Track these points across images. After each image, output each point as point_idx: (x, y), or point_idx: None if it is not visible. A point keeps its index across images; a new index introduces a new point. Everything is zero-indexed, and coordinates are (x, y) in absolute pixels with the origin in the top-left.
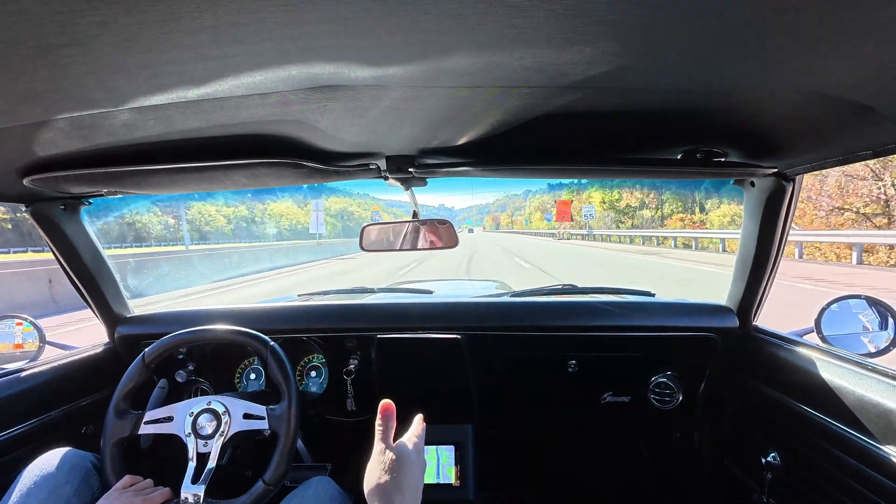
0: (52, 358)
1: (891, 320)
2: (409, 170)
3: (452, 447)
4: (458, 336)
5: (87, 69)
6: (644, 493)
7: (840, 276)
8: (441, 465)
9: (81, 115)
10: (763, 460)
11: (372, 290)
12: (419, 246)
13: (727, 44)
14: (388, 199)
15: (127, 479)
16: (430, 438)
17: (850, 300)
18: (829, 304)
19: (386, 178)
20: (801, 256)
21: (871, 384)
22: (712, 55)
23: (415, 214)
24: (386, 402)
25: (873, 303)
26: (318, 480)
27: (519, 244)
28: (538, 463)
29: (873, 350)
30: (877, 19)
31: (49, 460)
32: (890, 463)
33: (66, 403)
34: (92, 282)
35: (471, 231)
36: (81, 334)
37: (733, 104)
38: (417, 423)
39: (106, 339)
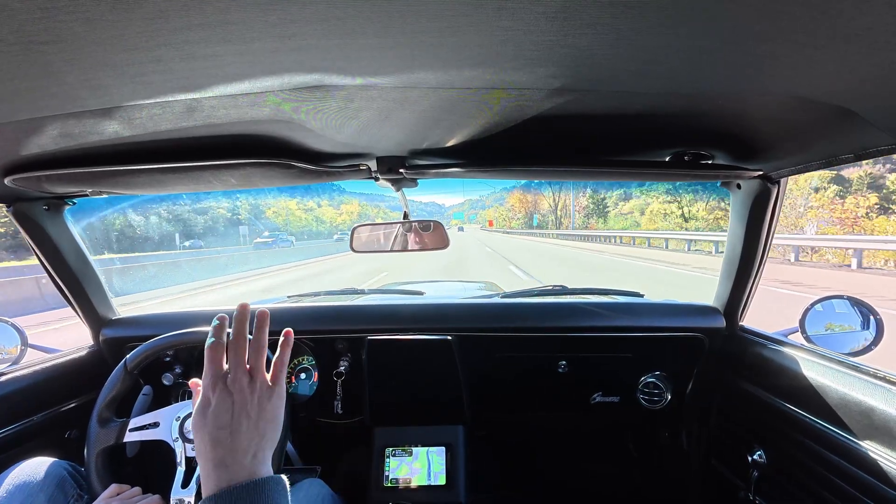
0: (34, 361)
1: (872, 320)
2: (400, 171)
3: (443, 448)
4: (449, 337)
5: (72, 67)
6: (633, 492)
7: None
8: (431, 466)
9: (65, 113)
10: (749, 458)
11: (363, 292)
12: (409, 247)
13: (714, 48)
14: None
15: (113, 487)
16: (421, 440)
17: (833, 300)
18: (813, 305)
19: (377, 179)
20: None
21: (854, 383)
22: (700, 59)
23: (405, 215)
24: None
25: (856, 303)
26: (310, 483)
27: None
28: (528, 463)
29: (855, 349)
30: (860, 26)
31: (23, 469)
32: (870, 459)
33: (49, 408)
34: (76, 283)
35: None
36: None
37: (720, 108)
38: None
39: (90, 341)
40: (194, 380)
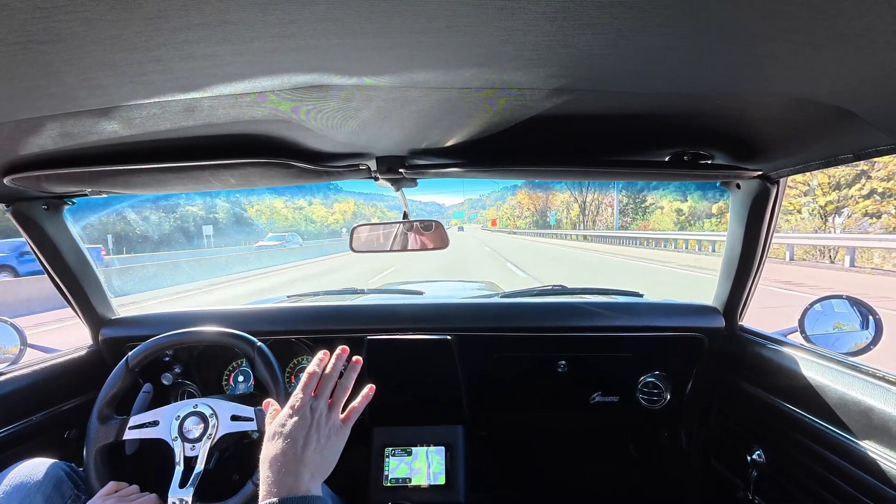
0: (33, 361)
1: (871, 319)
2: (400, 170)
3: (443, 448)
4: (449, 337)
5: (71, 66)
6: (632, 491)
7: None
8: (431, 466)
9: (64, 113)
10: (748, 458)
11: (362, 291)
12: (409, 247)
13: (714, 48)
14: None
15: (111, 485)
16: (421, 440)
17: (832, 300)
18: (812, 304)
19: (376, 179)
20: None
21: (853, 382)
22: (699, 59)
23: (405, 215)
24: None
25: (855, 303)
26: None
27: None
28: (528, 463)
29: (855, 349)
30: (859, 26)
31: (21, 469)
32: (869, 459)
33: (48, 408)
34: (75, 283)
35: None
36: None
37: (720, 108)
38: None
39: (90, 341)
40: (269, 400)
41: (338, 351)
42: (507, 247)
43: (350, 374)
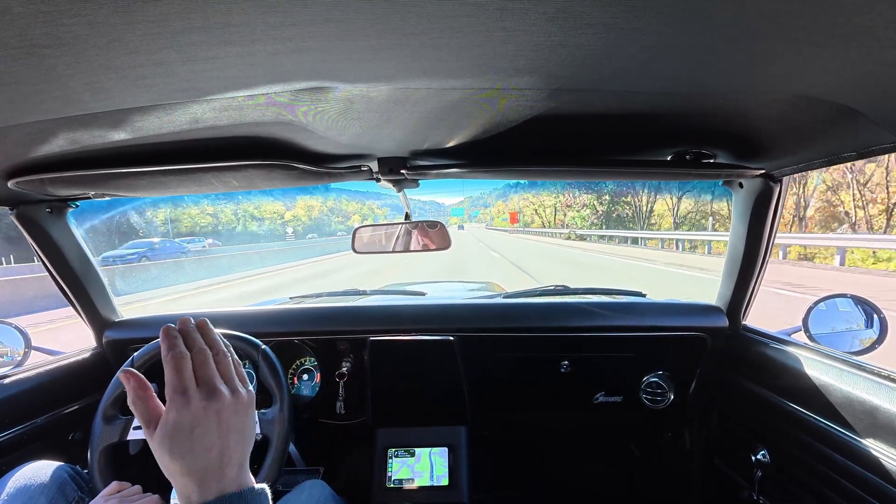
0: (38, 363)
1: (876, 318)
2: (402, 171)
3: (445, 449)
4: (451, 337)
5: (74, 70)
6: (636, 492)
7: None
8: (434, 467)
9: (68, 117)
10: (753, 458)
11: (364, 293)
12: (412, 248)
13: (715, 47)
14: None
15: (114, 485)
16: (424, 440)
17: (836, 299)
18: (816, 304)
19: (378, 180)
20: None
21: (857, 382)
22: (700, 58)
23: (407, 216)
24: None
25: (859, 301)
26: (312, 484)
27: None
28: (531, 463)
29: (859, 348)
30: (861, 24)
31: (25, 472)
32: (874, 458)
33: (52, 410)
34: (79, 285)
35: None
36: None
37: (722, 106)
38: None
39: (94, 343)
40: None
41: (178, 324)
42: None
43: (210, 335)
